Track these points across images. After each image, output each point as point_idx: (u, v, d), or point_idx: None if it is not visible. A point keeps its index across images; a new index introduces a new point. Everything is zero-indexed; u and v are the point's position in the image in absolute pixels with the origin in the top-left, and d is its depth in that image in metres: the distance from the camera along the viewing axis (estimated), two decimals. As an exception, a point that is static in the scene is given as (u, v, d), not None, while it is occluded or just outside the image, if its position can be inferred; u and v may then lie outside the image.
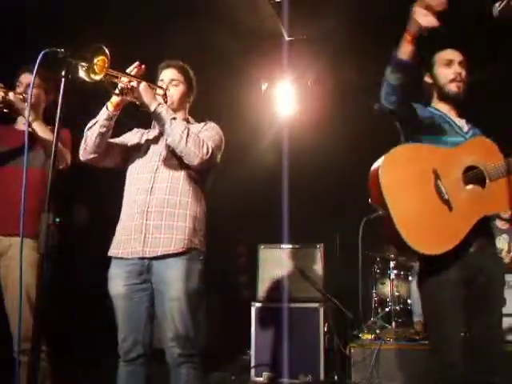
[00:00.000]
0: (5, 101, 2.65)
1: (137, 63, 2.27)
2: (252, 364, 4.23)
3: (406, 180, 2.15)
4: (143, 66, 2.27)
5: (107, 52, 2.00)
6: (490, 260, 2.25)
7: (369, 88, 2.38)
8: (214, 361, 4.16)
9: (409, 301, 4.76)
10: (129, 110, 2.35)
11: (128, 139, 2.52)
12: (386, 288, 4.91)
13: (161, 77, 2.50)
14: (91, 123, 2.32)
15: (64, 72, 1.75)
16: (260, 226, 5.45)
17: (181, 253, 2.24)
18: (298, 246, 4.61)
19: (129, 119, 2.55)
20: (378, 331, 4.36)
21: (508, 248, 4.63)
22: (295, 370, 4.08)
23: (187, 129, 2.27)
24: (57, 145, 1.73)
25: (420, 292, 2.30)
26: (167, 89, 2.44)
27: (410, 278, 4.80)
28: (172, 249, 2.24)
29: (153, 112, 2.26)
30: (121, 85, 2.21)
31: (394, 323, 4.59)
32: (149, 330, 2.28)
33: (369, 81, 2.31)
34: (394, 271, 4.85)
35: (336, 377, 4.05)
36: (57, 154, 1.73)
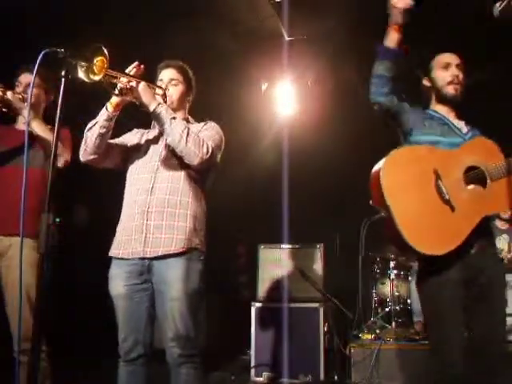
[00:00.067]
0: (3, 100, 2.65)
1: (136, 63, 2.27)
2: (252, 364, 4.23)
3: (407, 181, 2.16)
4: (142, 66, 2.27)
5: (106, 52, 2.00)
6: (491, 260, 2.25)
7: (369, 88, 2.39)
8: (214, 361, 4.16)
9: (409, 301, 4.75)
10: (128, 111, 2.35)
11: (128, 140, 2.52)
12: (386, 288, 4.90)
13: (160, 77, 2.50)
14: (91, 124, 2.32)
15: (64, 72, 1.75)
16: (260, 226, 5.45)
17: (181, 253, 2.24)
18: (298, 246, 4.61)
19: (128, 120, 2.54)
20: (378, 331, 4.35)
21: (508, 248, 4.63)
22: (295, 370, 4.07)
23: (187, 128, 2.27)
24: (57, 145, 1.73)
25: (419, 292, 2.30)
26: (166, 89, 2.44)
27: (410, 278, 4.79)
28: (173, 249, 2.24)
29: (152, 112, 2.26)
30: (120, 85, 2.21)
31: (394, 323, 4.57)
32: (149, 330, 2.29)
33: (369, 81, 2.33)
34: (394, 271, 4.84)
35: (336, 377, 4.05)
36: (57, 154, 1.73)
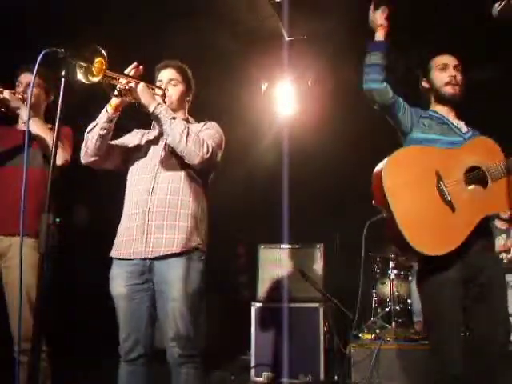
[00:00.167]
0: (0, 99, 2.64)
1: (134, 64, 2.26)
2: (252, 364, 4.23)
3: (409, 182, 2.17)
4: (141, 67, 2.26)
5: (104, 54, 2.00)
6: (491, 260, 2.26)
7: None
8: (214, 360, 4.16)
9: (409, 301, 4.75)
10: (128, 111, 2.35)
11: (128, 141, 2.52)
12: (386, 288, 4.90)
13: (159, 77, 2.50)
14: (91, 126, 2.32)
15: (64, 72, 1.75)
16: (260, 226, 5.45)
17: (183, 252, 2.24)
18: (298, 246, 4.61)
19: (129, 120, 2.54)
20: (378, 331, 4.35)
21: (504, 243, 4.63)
22: (295, 370, 4.08)
23: (187, 128, 2.27)
24: (57, 145, 1.73)
25: (420, 291, 2.31)
26: (166, 89, 2.44)
27: (410, 278, 4.80)
28: (174, 249, 2.23)
29: (152, 112, 2.26)
30: (119, 86, 2.21)
31: (394, 323, 4.57)
32: (150, 330, 2.28)
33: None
34: (394, 271, 4.84)
35: (336, 377, 4.06)
36: (56, 154, 1.73)
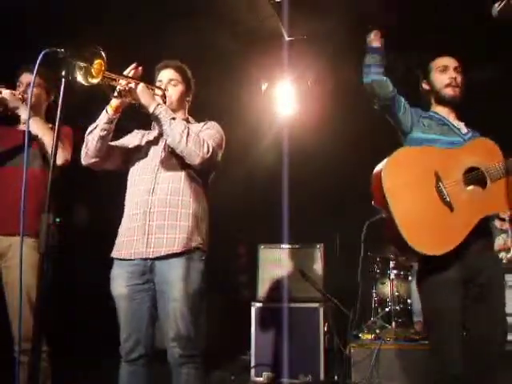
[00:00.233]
0: None
1: (134, 65, 2.26)
2: (252, 364, 4.23)
3: (408, 182, 2.19)
4: (140, 68, 2.27)
5: (103, 55, 2.00)
6: (490, 261, 2.27)
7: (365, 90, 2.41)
8: (214, 360, 4.16)
9: (409, 301, 4.75)
10: (128, 112, 2.35)
11: (128, 141, 2.52)
12: (386, 288, 4.90)
13: (159, 77, 2.50)
14: (91, 127, 2.32)
15: (64, 72, 1.75)
16: (260, 226, 5.45)
17: (184, 252, 2.24)
18: (298, 246, 4.61)
19: (129, 121, 2.54)
20: (378, 331, 4.35)
21: (503, 242, 4.62)
22: (295, 370, 4.08)
23: (187, 128, 2.27)
24: (57, 145, 1.73)
25: (419, 291, 2.32)
26: (166, 89, 2.44)
27: (410, 278, 4.79)
28: (175, 248, 2.23)
29: (152, 113, 2.26)
30: (119, 87, 2.21)
31: (394, 323, 4.57)
32: (150, 331, 2.28)
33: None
34: (394, 271, 4.84)
35: (336, 377, 4.05)
36: (56, 154, 1.73)
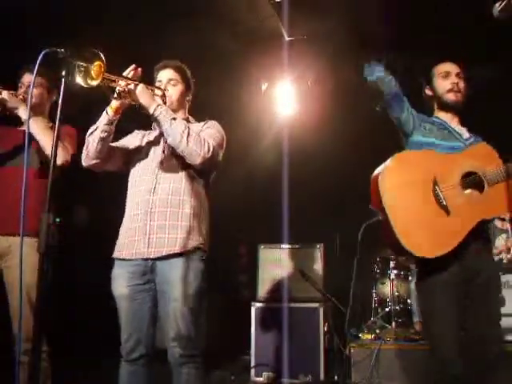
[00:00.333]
0: None
1: (133, 66, 2.26)
2: (252, 364, 4.24)
3: (405, 186, 2.21)
4: (139, 69, 2.27)
5: (102, 57, 1.99)
6: (488, 262, 2.30)
7: (368, 87, 2.41)
8: (214, 360, 4.16)
9: (409, 301, 4.75)
10: (128, 113, 2.35)
11: (129, 142, 2.52)
12: (386, 288, 4.90)
13: (158, 77, 2.50)
14: (92, 129, 2.32)
15: (64, 72, 1.74)
16: (260, 226, 5.45)
17: (185, 252, 2.24)
18: (298, 246, 4.61)
19: (129, 122, 2.54)
20: (378, 331, 4.35)
21: (505, 243, 4.62)
22: (295, 370, 4.08)
23: (187, 128, 2.27)
24: (57, 145, 1.73)
25: (417, 292, 2.35)
26: (165, 89, 2.43)
27: (410, 278, 4.80)
28: (176, 248, 2.23)
29: (152, 113, 2.26)
30: (119, 88, 2.21)
31: (394, 323, 4.57)
32: (151, 331, 2.29)
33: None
34: (394, 271, 4.84)
35: (336, 377, 4.06)
36: (56, 154, 1.73)
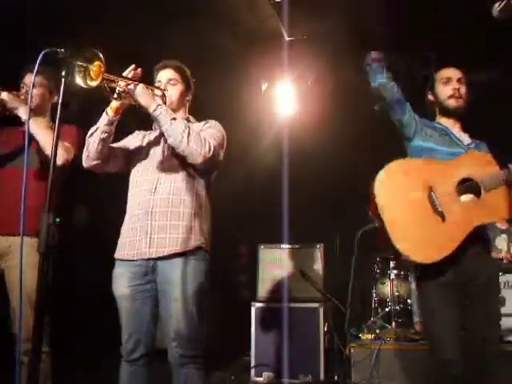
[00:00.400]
0: None
1: (132, 66, 2.26)
2: (252, 364, 4.24)
3: (402, 193, 2.23)
4: (139, 69, 2.26)
5: (102, 57, 1.99)
6: (486, 264, 2.31)
7: (369, 88, 2.41)
8: (214, 360, 4.15)
9: (409, 301, 4.75)
10: (128, 113, 2.35)
11: (129, 143, 2.52)
12: (386, 288, 4.90)
13: (158, 77, 2.50)
14: (92, 130, 2.32)
15: (64, 72, 1.75)
16: (260, 226, 5.44)
17: (186, 252, 2.24)
18: (298, 246, 4.61)
19: (129, 123, 2.54)
20: (378, 331, 4.35)
21: (507, 248, 4.63)
22: (295, 370, 4.08)
23: (188, 128, 2.27)
24: (57, 145, 1.73)
25: (417, 294, 2.36)
26: (165, 89, 2.43)
27: (410, 278, 4.79)
28: (178, 248, 2.23)
29: (152, 114, 2.26)
30: (118, 89, 2.21)
31: (394, 323, 4.57)
32: (152, 331, 2.28)
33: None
34: (394, 271, 4.83)
35: (336, 377, 4.05)
36: (56, 154, 1.73)
